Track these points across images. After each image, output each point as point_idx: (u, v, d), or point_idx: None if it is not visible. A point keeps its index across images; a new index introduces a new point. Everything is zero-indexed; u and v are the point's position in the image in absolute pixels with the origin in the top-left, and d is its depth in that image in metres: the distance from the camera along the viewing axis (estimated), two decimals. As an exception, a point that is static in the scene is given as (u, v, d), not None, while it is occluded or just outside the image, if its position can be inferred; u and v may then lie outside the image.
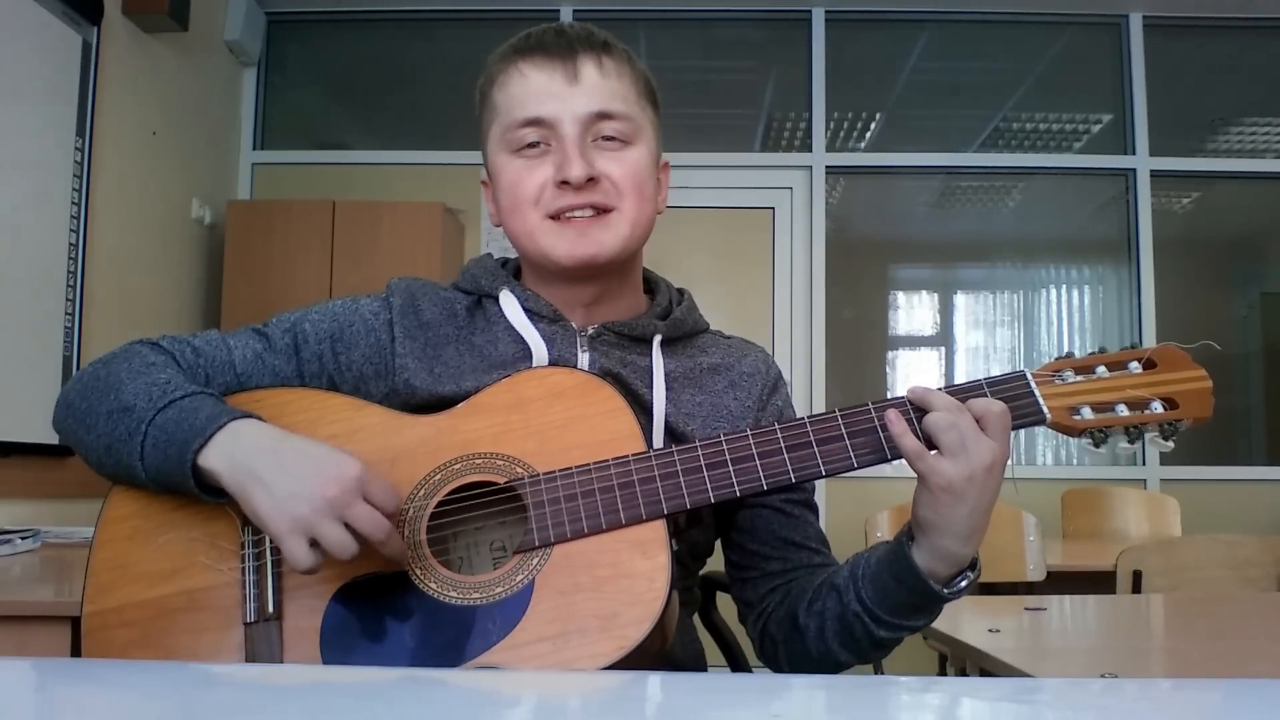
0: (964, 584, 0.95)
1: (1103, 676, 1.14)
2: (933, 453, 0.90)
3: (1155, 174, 4.25)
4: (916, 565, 0.93)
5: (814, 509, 1.13)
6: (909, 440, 0.91)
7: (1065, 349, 4.32)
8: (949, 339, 4.43)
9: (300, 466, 0.86)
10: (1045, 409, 0.93)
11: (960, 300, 4.48)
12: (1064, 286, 4.41)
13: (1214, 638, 1.53)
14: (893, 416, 0.91)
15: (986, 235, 4.49)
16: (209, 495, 0.90)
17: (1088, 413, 0.94)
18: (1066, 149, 4.37)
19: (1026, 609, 1.67)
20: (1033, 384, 0.94)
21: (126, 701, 0.64)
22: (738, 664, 1.46)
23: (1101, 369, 0.95)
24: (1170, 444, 0.94)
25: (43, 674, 0.72)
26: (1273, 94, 4.33)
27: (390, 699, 0.64)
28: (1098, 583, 2.16)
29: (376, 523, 0.86)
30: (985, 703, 0.64)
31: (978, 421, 0.90)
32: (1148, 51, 4.28)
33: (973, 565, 0.95)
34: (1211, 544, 2.14)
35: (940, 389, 0.93)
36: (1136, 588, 2.02)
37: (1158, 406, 0.94)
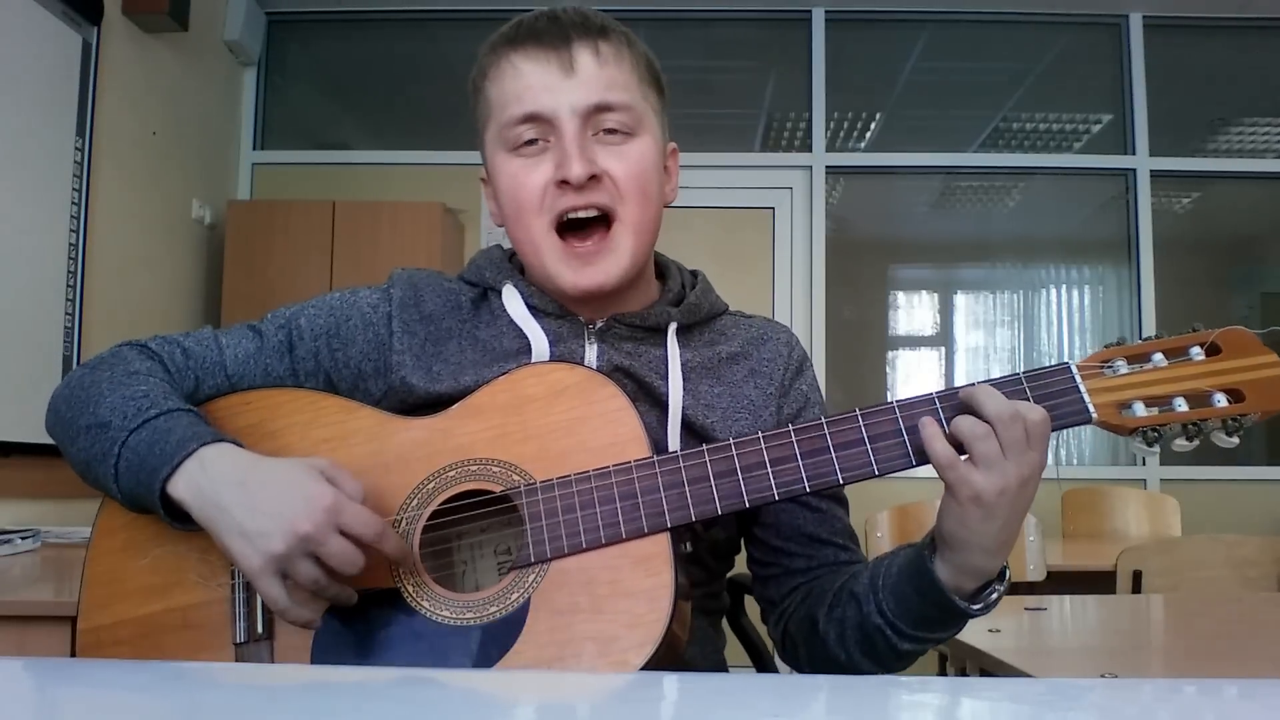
0: (994, 597, 0.88)
1: (1103, 676, 1.13)
2: (963, 459, 0.83)
3: (1155, 174, 4.25)
4: (939, 581, 0.87)
5: (843, 502, 1.07)
6: (940, 445, 0.83)
7: (1065, 349, 4.34)
8: (949, 339, 4.43)
9: (271, 501, 0.82)
10: (1091, 408, 0.84)
11: (960, 300, 4.48)
12: (1064, 286, 4.40)
13: (1214, 638, 1.53)
14: (927, 419, 0.84)
15: (986, 235, 4.49)
16: (182, 524, 0.87)
17: (1140, 409, 0.84)
18: (1066, 149, 4.37)
19: (1026, 609, 1.67)
20: (1078, 379, 0.85)
21: (125, 702, 0.64)
22: (765, 669, 1.41)
23: (1158, 356, 0.85)
24: (1235, 440, 0.84)
25: (42, 674, 0.72)
26: (1273, 94, 4.33)
27: (395, 700, 0.64)
28: (1098, 583, 2.15)
29: (350, 558, 0.82)
30: (985, 703, 0.64)
31: None
32: (1148, 51, 4.28)
33: (1001, 575, 0.89)
34: (1211, 544, 2.13)
35: (977, 385, 0.85)
36: (1136, 588, 2.02)
37: (1221, 400, 0.83)
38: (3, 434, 2.68)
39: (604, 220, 0.98)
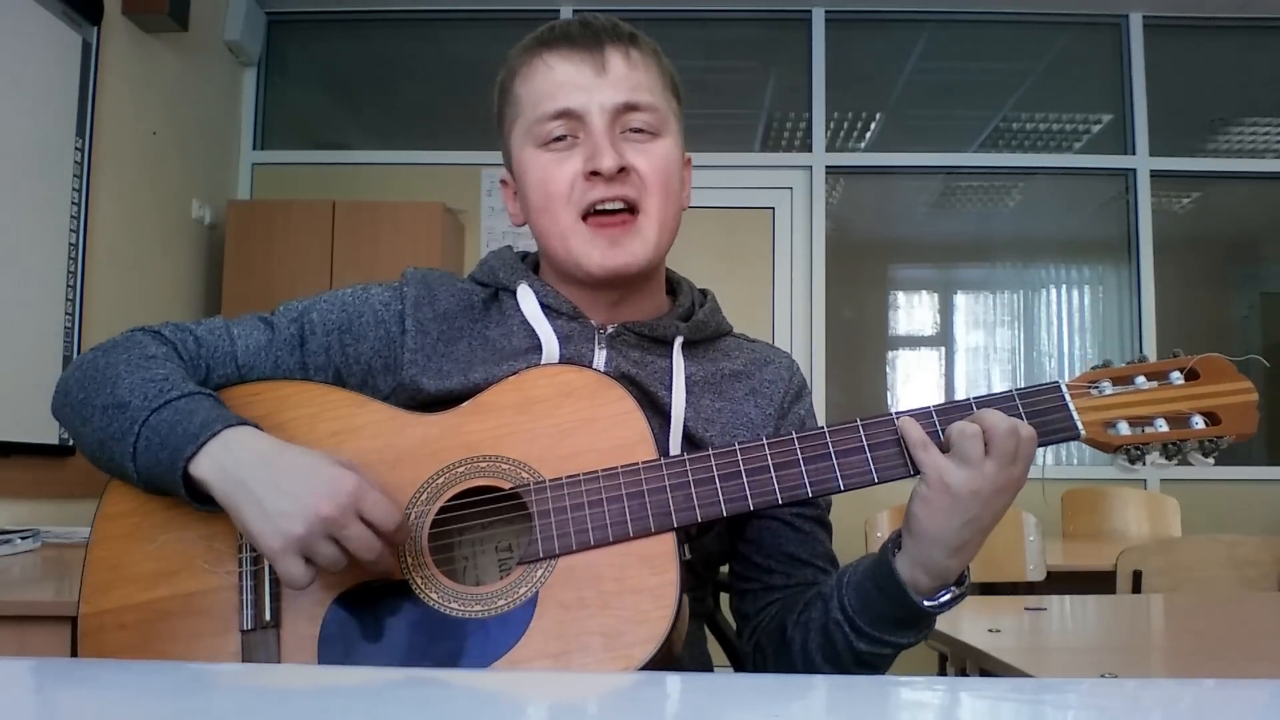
0: (946, 598, 0.90)
1: (1103, 676, 1.14)
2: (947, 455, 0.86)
3: (1155, 174, 4.25)
4: (897, 572, 0.89)
5: (826, 526, 1.09)
6: (915, 430, 0.87)
7: (1065, 349, 4.34)
8: (949, 339, 4.43)
9: (294, 483, 0.83)
10: (1079, 424, 0.89)
11: (960, 300, 4.48)
12: (1064, 286, 4.40)
13: (1214, 638, 1.53)
14: (907, 418, 0.88)
15: (986, 235, 4.49)
16: (201, 504, 0.88)
17: (1124, 428, 0.89)
18: (1066, 149, 4.37)
19: (1026, 609, 1.67)
20: (1067, 396, 0.89)
21: (127, 702, 0.64)
22: (740, 666, 1.45)
23: (1141, 379, 0.90)
24: (1210, 461, 0.89)
25: (42, 674, 0.72)
26: (1273, 94, 4.33)
27: (398, 701, 0.64)
28: (1098, 583, 2.16)
29: (369, 544, 0.83)
30: (985, 703, 0.64)
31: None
32: (1148, 51, 4.28)
33: (960, 581, 0.91)
34: (1211, 544, 2.14)
35: (972, 400, 0.89)
36: (1136, 588, 2.02)
37: (1199, 421, 0.89)
38: (3, 434, 2.68)
39: (630, 213, 1.00)
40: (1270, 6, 4.21)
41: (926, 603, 0.89)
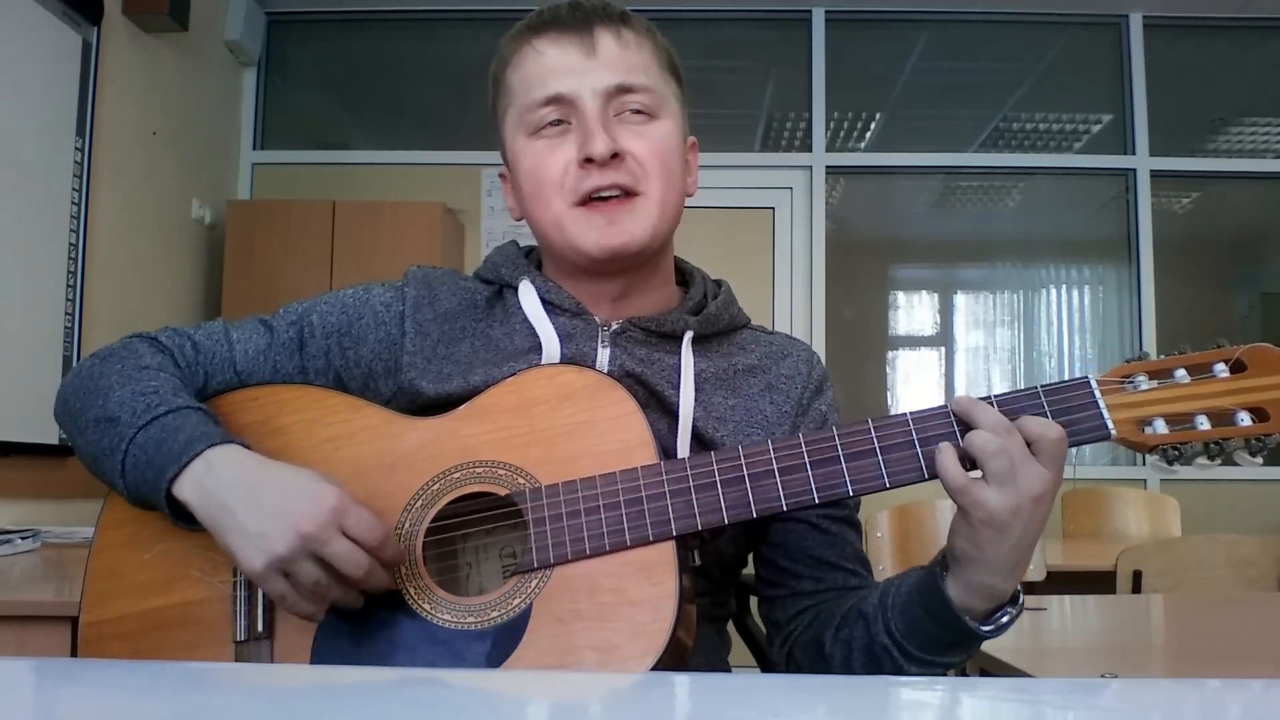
0: (1005, 620, 0.86)
1: (1103, 676, 1.13)
2: (975, 476, 0.80)
3: (1155, 174, 4.25)
4: (950, 600, 0.84)
5: (855, 526, 1.03)
6: (954, 469, 0.80)
7: (1065, 349, 4.34)
8: (949, 339, 4.43)
9: (274, 501, 0.82)
10: (1110, 425, 0.82)
11: (960, 300, 4.48)
12: (1064, 286, 4.40)
13: (1214, 638, 1.53)
14: (944, 447, 0.81)
15: (986, 235, 4.49)
16: (186, 524, 0.87)
17: (1161, 426, 0.82)
18: (1066, 149, 4.37)
19: (1027, 609, 1.66)
20: (1098, 394, 0.82)
21: (126, 702, 0.64)
22: (769, 669, 1.36)
23: (1181, 372, 0.83)
24: (1259, 461, 0.83)
25: (42, 674, 0.72)
26: (1273, 94, 4.33)
27: (397, 701, 0.64)
28: (1098, 583, 2.15)
29: (354, 560, 0.81)
30: (985, 703, 0.64)
31: (1030, 445, 0.80)
32: (1148, 51, 4.28)
33: (1014, 599, 0.87)
34: (1211, 544, 2.14)
35: (993, 397, 0.83)
36: (1136, 588, 2.02)
37: (1244, 418, 0.81)
38: (3, 434, 2.68)
39: (627, 195, 0.97)
40: (1270, 6, 4.21)
41: (984, 627, 0.86)
